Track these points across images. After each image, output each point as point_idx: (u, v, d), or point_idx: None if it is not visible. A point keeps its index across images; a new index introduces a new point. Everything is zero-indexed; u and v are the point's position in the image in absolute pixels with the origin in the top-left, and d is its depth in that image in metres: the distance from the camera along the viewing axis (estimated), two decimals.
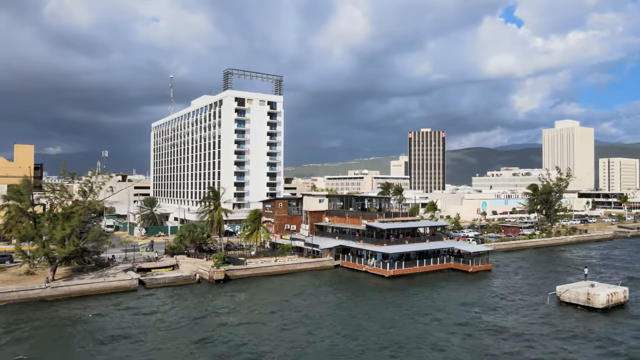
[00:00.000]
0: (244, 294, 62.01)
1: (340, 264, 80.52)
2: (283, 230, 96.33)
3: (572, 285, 57.86)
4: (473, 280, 71.08)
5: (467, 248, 78.43)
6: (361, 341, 43.03)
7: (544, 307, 54.74)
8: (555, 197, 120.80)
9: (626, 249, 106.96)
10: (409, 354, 40.11)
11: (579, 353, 40.55)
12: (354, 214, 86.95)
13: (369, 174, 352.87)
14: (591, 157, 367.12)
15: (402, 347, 41.53)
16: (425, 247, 78.85)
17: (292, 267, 76.24)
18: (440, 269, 77.97)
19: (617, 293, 54.95)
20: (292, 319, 50.14)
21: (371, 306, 55.99)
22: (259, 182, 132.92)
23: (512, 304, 56.58)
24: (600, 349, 41.41)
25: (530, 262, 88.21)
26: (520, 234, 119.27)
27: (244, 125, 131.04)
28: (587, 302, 54.03)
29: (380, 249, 74.70)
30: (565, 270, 79.75)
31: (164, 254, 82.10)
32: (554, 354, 40.15)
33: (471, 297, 60.37)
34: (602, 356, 39.94)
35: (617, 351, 40.95)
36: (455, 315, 51.67)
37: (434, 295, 61.30)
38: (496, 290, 64.12)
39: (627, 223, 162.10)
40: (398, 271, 72.58)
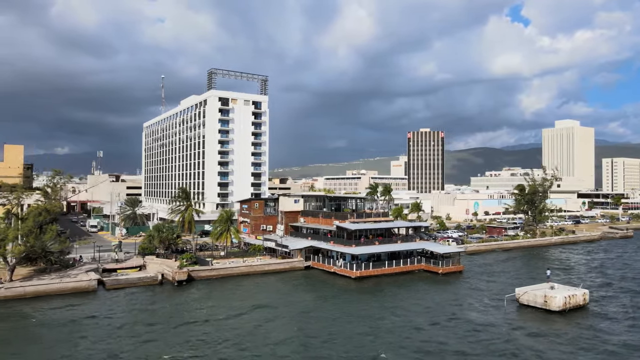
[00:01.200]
0: (202, 295, 61.46)
1: (311, 265, 79.86)
2: (259, 231, 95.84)
3: (531, 287, 56.87)
4: (440, 282, 70.18)
5: (437, 249, 77.42)
6: (295, 346, 42.38)
7: (501, 311, 53.77)
8: (540, 198, 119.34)
9: (610, 250, 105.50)
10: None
11: (517, 357, 39.68)
12: (327, 214, 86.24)
13: (366, 174, 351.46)
14: (591, 157, 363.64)
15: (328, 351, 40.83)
16: (395, 248, 77.91)
17: (260, 268, 75.62)
18: (411, 270, 77.08)
19: (576, 295, 53.91)
20: (242, 323, 49.47)
21: (327, 308, 55.25)
22: (243, 182, 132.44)
23: (470, 307, 55.61)
24: (537, 352, 40.49)
25: (506, 263, 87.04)
26: (504, 234, 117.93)
27: (227, 125, 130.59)
28: (545, 304, 53.11)
29: (348, 250, 73.89)
30: (538, 272, 78.52)
31: (137, 254, 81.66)
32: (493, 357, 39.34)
33: (430, 299, 59.51)
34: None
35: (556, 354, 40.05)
36: (403, 319, 50.85)
37: (392, 298, 60.51)
38: (459, 293, 63.20)
39: (619, 224, 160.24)
40: (365, 272, 71.75)
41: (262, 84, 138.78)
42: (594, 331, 46.58)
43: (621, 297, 60.15)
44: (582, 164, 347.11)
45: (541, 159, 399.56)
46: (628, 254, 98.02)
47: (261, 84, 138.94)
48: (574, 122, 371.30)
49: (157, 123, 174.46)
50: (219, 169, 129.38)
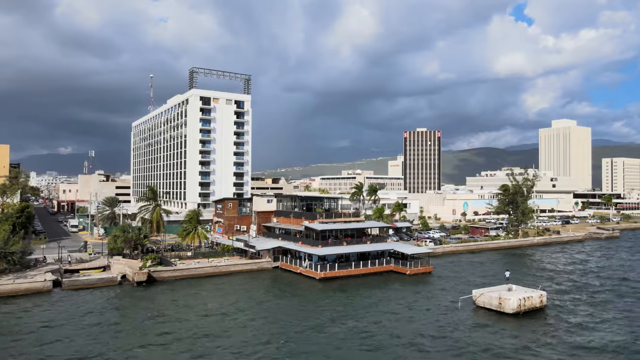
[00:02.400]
0: (158, 296, 60.62)
1: (280, 265, 79.02)
2: (233, 231, 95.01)
3: (488, 289, 55.84)
4: (406, 283, 69.14)
5: (405, 250, 76.40)
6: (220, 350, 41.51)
7: (455, 312, 52.74)
8: (521, 198, 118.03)
9: (590, 251, 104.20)
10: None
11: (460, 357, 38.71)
12: (298, 214, 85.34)
13: (362, 174, 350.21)
14: (588, 157, 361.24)
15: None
16: (364, 249, 76.97)
17: (225, 268, 74.77)
18: (380, 271, 76.08)
19: (532, 298, 52.80)
20: (191, 326, 48.58)
21: (280, 310, 54.34)
22: (225, 182, 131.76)
23: (424, 309, 54.58)
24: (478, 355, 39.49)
25: (479, 264, 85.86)
26: (485, 235, 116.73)
27: (209, 125, 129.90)
28: (499, 306, 52.07)
29: (314, 251, 72.97)
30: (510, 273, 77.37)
31: (108, 254, 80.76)
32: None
33: (388, 301, 58.50)
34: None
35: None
36: (355, 320, 49.92)
37: (350, 300, 59.53)
38: (420, 294, 62.17)
39: (608, 224, 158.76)
40: (330, 273, 70.81)
41: (245, 83, 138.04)
42: (542, 335, 45.50)
43: (581, 300, 58.81)
44: (579, 164, 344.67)
45: (538, 159, 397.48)
46: (603, 256, 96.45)
47: (244, 83, 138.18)
48: (570, 122, 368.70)
49: (144, 122, 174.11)
50: (200, 169, 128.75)
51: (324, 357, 39.75)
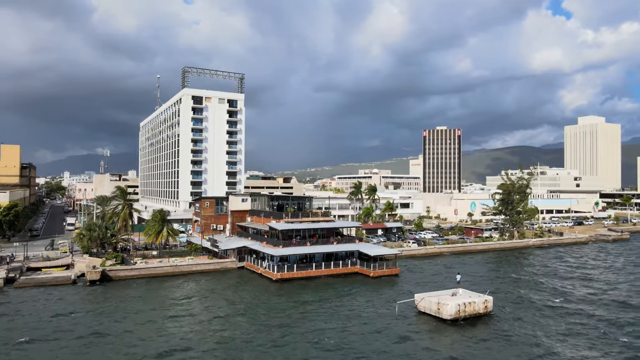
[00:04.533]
0: (105, 296, 60.14)
1: (245, 265, 77.72)
2: (209, 230, 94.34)
3: (429, 294, 52.84)
4: (366, 285, 66.65)
5: (369, 251, 73.65)
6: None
7: (393, 318, 50.05)
8: (516, 198, 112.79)
9: (585, 256, 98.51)
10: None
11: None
12: (268, 214, 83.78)
13: (378, 173, 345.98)
14: (617, 155, 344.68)
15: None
16: (328, 250, 74.77)
17: (187, 268, 73.92)
18: (345, 272, 73.76)
19: (474, 303, 49.60)
20: (123, 327, 47.76)
21: (210, 313, 52.95)
22: (217, 181, 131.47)
23: (366, 313, 52.11)
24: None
25: (462, 266, 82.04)
26: (477, 236, 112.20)
27: (201, 124, 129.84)
28: (437, 312, 49.19)
29: (273, 251, 71.27)
30: (480, 275, 73.69)
31: (73, 252, 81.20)
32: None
33: (334, 305, 56.25)
34: None
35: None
36: (285, 327, 48.02)
37: (294, 303, 57.51)
38: (373, 297, 59.62)
39: (624, 226, 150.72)
40: (287, 275, 68.99)
41: (239, 82, 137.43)
42: (468, 347, 42.46)
43: (535, 309, 54.26)
44: (607, 162, 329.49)
45: (563, 157, 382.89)
46: (594, 261, 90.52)
47: (238, 82, 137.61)
48: (598, 118, 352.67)
49: (150, 122, 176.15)
50: (192, 168, 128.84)
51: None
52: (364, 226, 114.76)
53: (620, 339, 43.48)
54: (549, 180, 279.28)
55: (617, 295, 60.24)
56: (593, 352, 40.50)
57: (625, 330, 46.37)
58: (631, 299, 58.46)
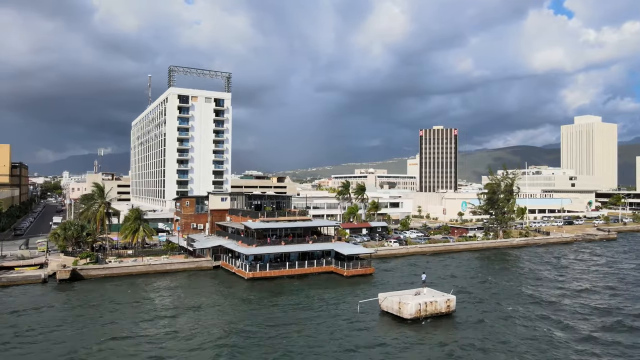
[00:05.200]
0: (69, 295, 59.95)
1: (221, 264, 77.50)
2: (190, 230, 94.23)
3: (392, 293, 52.53)
4: (339, 285, 66.36)
5: (343, 250, 73.34)
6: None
7: (352, 317, 49.76)
8: (501, 198, 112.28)
9: (566, 255, 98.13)
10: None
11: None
12: (245, 212, 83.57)
13: (374, 172, 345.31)
14: (614, 154, 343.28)
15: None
16: (303, 249, 74.54)
17: (160, 267, 73.69)
18: (320, 271, 73.53)
19: (435, 303, 49.25)
20: (76, 326, 47.55)
21: (170, 313, 52.71)
22: (204, 181, 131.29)
23: (328, 313, 51.81)
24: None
25: (442, 266, 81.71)
26: (461, 235, 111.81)
27: (187, 123, 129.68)
28: (399, 311, 48.86)
29: (247, 250, 71.08)
30: (454, 275, 73.35)
31: (47, 251, 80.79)
32: None
33: (301, 304, 55.97)
34: None
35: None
36: (249, 325, 47.77)
37: (262, 302, 57.26)
38: (341, 297, 59.24)
39: (614, 225, 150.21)
40: (260, 274, 68.76)
41: (227, 81, 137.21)
42: (421, 345, 42.14)
43: (499, 310, 53.71)
44: (604, 162, 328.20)
45: (560, 157, 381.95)
46: (573, 260, 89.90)
47: (225, 81, 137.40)
48: (594, 118, 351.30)
49: (140, 121, 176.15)
50: (178, 167, 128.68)
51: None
52: (348, 225, 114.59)
53: (574, 347, 42.88)
54: (544, 179, 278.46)
55: (585, 299, 58.72)
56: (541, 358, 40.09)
57: (582, 335, 45.95)
58: (600, 303, 56.99)
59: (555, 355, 39.70)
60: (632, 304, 56.27)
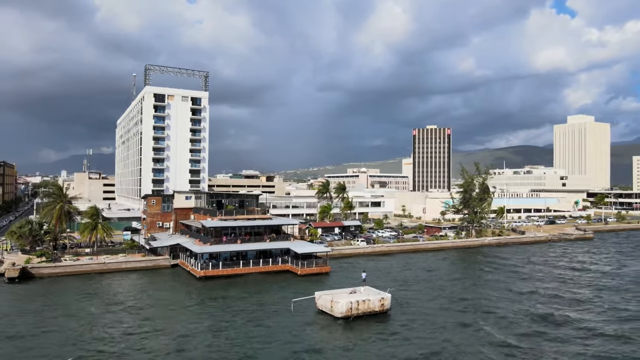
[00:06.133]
0: (12, 294, 59.89)
1: (179, 263, 77.36)
2: (155, 228, 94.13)
3: (329, 291, 52.36)
4: (289, 283, 66.08)
5: (297, 249, 73.14)
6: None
7: (287, 315, 49.52)
8: (473, 197, 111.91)
9: (533, 254, 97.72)
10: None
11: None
12: (206, 211, 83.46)
13: (366, 172, 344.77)
14: (607, 154, 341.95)
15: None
16: (258, 247, 74.41)
17: (115, 266, 73.54)
18: (275, 270, 73.29)
19: (368, 301, 48.98)
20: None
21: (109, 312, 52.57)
22: (180, 179, 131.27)
23: (264, 313, 51.55)
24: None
25: (403, 265, 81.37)
26: (432, 235, 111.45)
27: (163, 122, 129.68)
28: (331, 310, 48.60)
29: (201, 248, 70.98)
30: (405, 274, 73.06)
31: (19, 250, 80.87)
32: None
33: (244, 301, 55.78)
34: None
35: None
36: (186, 322, 47.60)
37: (197, 300, 57.11)
38: (286, 295, 58.80)
39: (594, 225, 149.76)
40: (212, 272, 68.56)
41: (204, 80, 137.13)
42: (347, 343, 41.89)
43: (436, 310, 52.75)
44: (596, 161, 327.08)
45: (553, 156, 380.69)
46: (536, 261, 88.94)
47: (203, 80, 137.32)
48: (587, 117, 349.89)
49: (122, 120, 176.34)
50: (153, 166, 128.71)
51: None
52: (321, 224, 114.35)
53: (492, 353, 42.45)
54: (534, 179, 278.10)
55: (529, 304, 55.13)
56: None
57: (510, 342, 45.58)
58: (536, 309, 53.28)
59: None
60: (566, 307, 55.06)
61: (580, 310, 52.79)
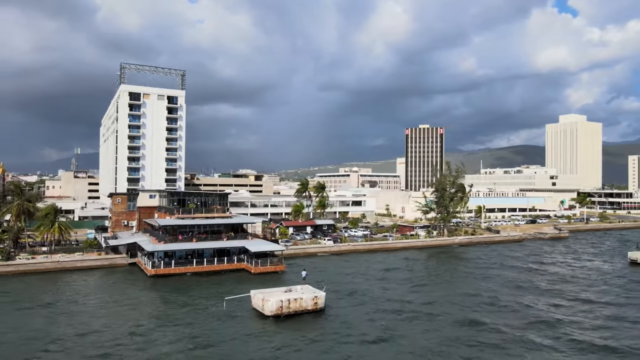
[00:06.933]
0: None
1: (136, 262, 77.19)
2: (121, 227, 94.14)
3: (263, 290, 52.09)
4: (240, 282, 65.75)
5: (252, 248, 72.93)
6: None
7: (220, 314, 49.35)
8: (446, 195, 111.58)
9: (499, 254, 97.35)
10: None
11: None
12: (167, 210, 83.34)
13: (358, 171, 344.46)
14: (598, 153, 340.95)
15: None
16: (214, 246, 74.36)
17: (71, 264, 73.32)
18: (231, 268, 73.15)
19: (300, 300, 48.76)
20: None
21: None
22: (156, 177, 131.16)
23: (195, 312, 51.38)
24: None
25: (356, 265, 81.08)
26: (403, 233, 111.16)
27: (138, 120, 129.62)
28: (262, 308, 48.40)
29: (152, 247, 70.94)
30: (361, 274, 72.86)
31: None
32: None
33: (183, 299, 55.61)
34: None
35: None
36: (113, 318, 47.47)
37: (134, 300, 56.93)
38: (227, 294, 58.62)
39: (574, 224, 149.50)
40: (163, 270, 68.43)
41: (181, 78, 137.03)
42: (265, 342, 41.69)
43: (372, 309, 51.98)
44: (587, 161, 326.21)
45: (545, 156, 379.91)
46: (487, 261, 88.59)
47: (180, 78, 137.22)
48: (579, 117, 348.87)
49: (104, 119, 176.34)
50: (128, 164, 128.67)
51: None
52: (292, 223, 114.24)
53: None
54: (524, 178, 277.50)
55: (468, 309, 52.73)
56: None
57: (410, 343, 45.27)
58: (469, 314, 50.94)
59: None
60: (490, 312, 53.58)
61: (503, 314, 51.21)
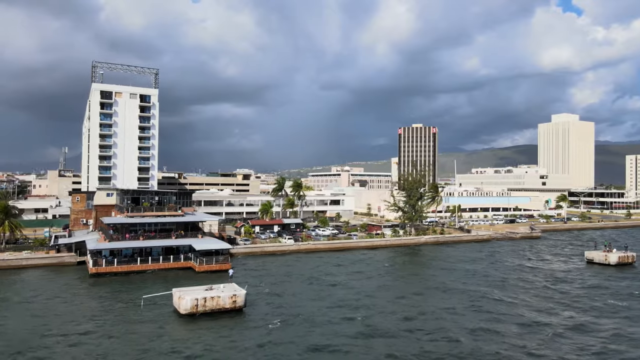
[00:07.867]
0: None
1: (85, 260, 76.89)
2: (80, 225, 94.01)
3: (184, 288, 51.68)
4: (181, 280, 65.25)
5: (196, 246, 72.55)
6: None
7: (133, 312, 49.04)
8: (413, 194, 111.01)
9: (463, 254, 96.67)
10: None
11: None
12: (120, 208, 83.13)
13: (350, 170, 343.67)
14: (591, 153, 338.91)
15: None
16: (158, 244, 74.10)
17: (16, 263, 73.03)
18: (178, 267, 72.90)
19: (217, 298, 48.32)
20: None
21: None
22: (128, 177, 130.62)
23: (115, 311, 51.01)
24: None
25: (309, 265, 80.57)
26: (369, 233, 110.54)
27: (110, 119, 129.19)
28: (179, 306, 48.05)
29: (96, 245, 70.71)
30: (305, 273, 72.31)
31: None
32: None
33: (111, 297, 55.28)
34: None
35: None
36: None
37: (75, 297, 56.63)
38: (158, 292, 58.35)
39: (552, 224, 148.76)
40: (104, 269, 68.07)
41: (154, 77, 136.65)
42: (171, 341, 41.24)
43: (294, 309, 51.21)
44: (580, 160, 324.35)
45: (537, 155, 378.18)
46: (439, 262, 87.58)
47: (154, 77, 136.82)
48: (572, 116, 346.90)
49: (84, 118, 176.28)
50: (99, 163, 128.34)
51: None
52: (259, 222, 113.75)
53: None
54: (514, 178, 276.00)
55: (400, 314, 50.39)
56: None
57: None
58: (402, 322, 49.32)
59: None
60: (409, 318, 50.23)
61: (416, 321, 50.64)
